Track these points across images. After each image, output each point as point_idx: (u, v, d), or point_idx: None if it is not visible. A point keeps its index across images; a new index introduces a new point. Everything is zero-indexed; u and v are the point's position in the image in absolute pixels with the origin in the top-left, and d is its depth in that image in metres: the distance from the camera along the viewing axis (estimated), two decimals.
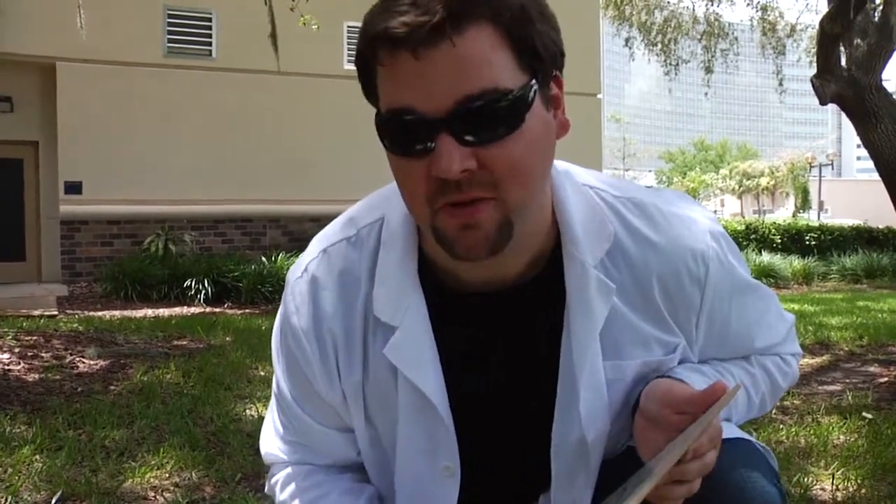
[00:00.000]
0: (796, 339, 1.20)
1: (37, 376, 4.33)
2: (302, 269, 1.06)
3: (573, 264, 0.98)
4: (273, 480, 1.16)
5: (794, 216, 32.40)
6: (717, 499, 0.95)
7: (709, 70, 14.20)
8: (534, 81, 0.86)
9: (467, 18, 0.81)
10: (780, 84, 14.57)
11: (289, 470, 1.14)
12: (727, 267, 1.04)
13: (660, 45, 14.75)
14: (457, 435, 1.03)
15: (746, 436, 1.05)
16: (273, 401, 1.15)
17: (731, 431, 1.03)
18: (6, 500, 2.52)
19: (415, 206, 0.90)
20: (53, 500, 2.52)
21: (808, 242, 14.83)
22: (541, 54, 0.86)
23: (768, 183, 59.42)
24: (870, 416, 3.60)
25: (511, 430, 1.07)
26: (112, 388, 4.17)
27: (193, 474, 2.81)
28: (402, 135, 0.85)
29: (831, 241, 14.98)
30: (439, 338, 1.00)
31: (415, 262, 1.00)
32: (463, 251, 0.88)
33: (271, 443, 1.16)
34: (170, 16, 11.35)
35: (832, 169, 63.39)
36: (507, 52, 0.83)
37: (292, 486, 1.12)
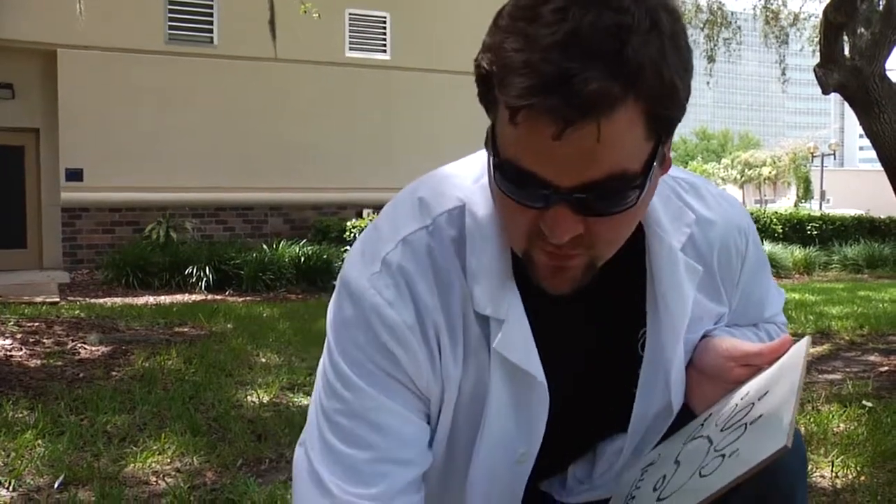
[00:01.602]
0: None
1: (39, 362, 4.35)
2: (379, 261, 0.96)
3: (661, 247, 1.00)
4: None
5: (795, 206, 32.34)
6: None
7: (711, 59, 14.12)
8: (658, 147, 0.81)
9: (622, 97, 0.74)
10: (783, 73, 14.50)
11: None
12: (757, 242, 1.13)
13: None
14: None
15: None
16: (327, 432, 0.97)
17: None
18: (9, 484, 2.54)
19: (512, 236, 0.90)
20: (56, 485, 2.53)
21: (809, 232, 14.76)
22: (673, 122, 0.81)
23: (770, 173, 59.27)
24: (870, 404, 3.61)
25: (587, 406, 1.08)
26: (113, 374, 4.18)
27: (195, 460, 2.83)
28: (519, 188, 0.82)
29: (833, 231, 14.91)
30: (531, 321, 0.98)
31: (510, 257, 0.95)
32: (550, 287, 0.91)
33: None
34: (171, 2, 11.30)
35: (834, 159, 63.21)
36: (642, 128, 0.78)
37: None
